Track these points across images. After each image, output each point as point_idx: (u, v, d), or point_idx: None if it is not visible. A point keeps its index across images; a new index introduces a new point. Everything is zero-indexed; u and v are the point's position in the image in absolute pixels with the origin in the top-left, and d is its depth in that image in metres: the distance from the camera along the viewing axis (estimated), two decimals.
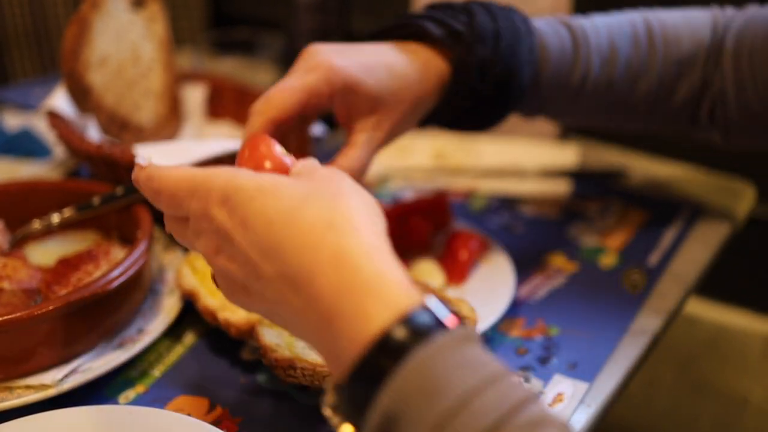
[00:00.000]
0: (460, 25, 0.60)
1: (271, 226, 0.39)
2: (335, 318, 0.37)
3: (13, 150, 0.87)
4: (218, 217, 0.41)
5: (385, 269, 0.38)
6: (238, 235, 0.40)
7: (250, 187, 0.41)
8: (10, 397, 0.53)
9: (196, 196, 0.42)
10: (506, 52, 0.60)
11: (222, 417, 0.55)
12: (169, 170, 0.44)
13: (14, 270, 0.59)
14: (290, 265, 0.38)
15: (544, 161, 0.92)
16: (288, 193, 0.40)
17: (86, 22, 0.78)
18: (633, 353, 0.63)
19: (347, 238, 0.38)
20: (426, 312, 0.36)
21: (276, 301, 0.40)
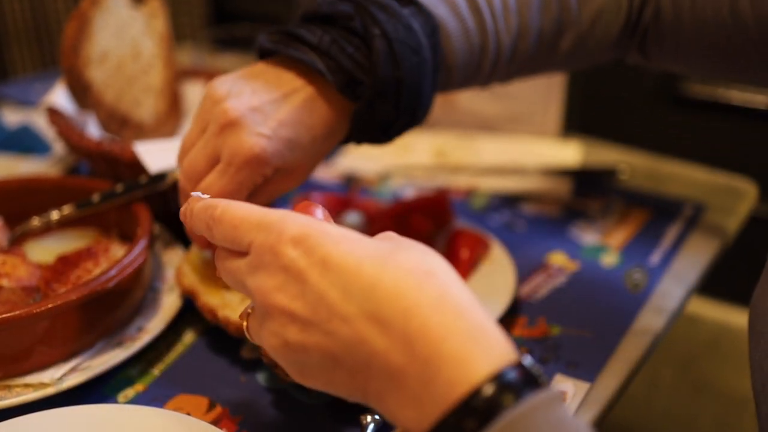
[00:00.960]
0: (359, 72, 0.56)
1: (360, 269, 0.38)
2: (434, 360, 0.35)
3: (13, 146, 0.87)
4: (289, 255, 0.39)
5: (486, 321, 0.37)
6: (315, 275, 0.38)
7: (334, 233, 0.40)
8: (9, 395, 0.53)
9: (265, 231, 0.40)
10: (409, 100, 0.58)
11: (221, 416, 0.55)
12: (237, 203, 0.43)
13: (13, 267, 0.59)
14: (382, 305, 0.37)
15: (545, 159, 0.92)
16: (376, 245, 0.40)
17: (86, 18, 0.78)
18: (635, 353, 0.63)
19: (449, 285, 0.37)
20: (521, 369, 0.35)
21: (349, 342, 0.38)
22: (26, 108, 0.99)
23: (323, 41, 0.56)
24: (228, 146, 0.55)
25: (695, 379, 1.15)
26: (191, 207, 0.46)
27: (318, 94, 0.58)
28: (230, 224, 0.42)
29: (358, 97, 0.57)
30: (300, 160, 0.58)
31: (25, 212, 0.67)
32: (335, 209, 0.74)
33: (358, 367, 0.38)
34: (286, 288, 0.39)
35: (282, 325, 0.40)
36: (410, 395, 0.36)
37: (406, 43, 0.57)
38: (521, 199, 0.86)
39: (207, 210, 0.44)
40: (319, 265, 0.39)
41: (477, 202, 0.85)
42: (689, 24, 0.63)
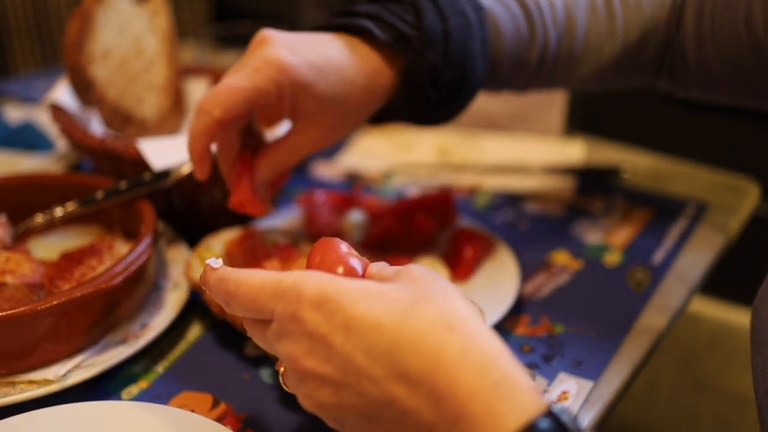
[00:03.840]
0: (407, 28, 0.58)
1: (380, 328, 0.38)
2: (462, 420, 0.35)
3: (15, 143, 0.87)
4: (312, 321, 0.39)
5: (512, 371, 0.37)
6: (339, 339, 0.38)
7: (352, 290, 0.39)
8: (13, 392, 0.53)
9: (284, 299, 0.40)
10: (457, 53, 0.59)
11: (226, 413, 0.55)
12: (249, 273, 0.43)
13: (17, 264, 0.59)
14: (407, 365, 0.37)
15: (548, 158, 0.92)
16: (394, 296, 0.39)
17: (89, 15, 0.78)
18: (638, 352, 0.63)
19: (471, 339, 0.37)
20: (551, 417, 0.35)
21: (380, 402, 0.38)
22: (28, 104, 0.99)
23: (372, 9, 0.59)
24: (254, 55, 0.56)
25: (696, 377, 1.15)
26: (207, 279, 0.45)
27: (359, 44, 0.58)
28: (247, 297, 0.42)
29: (407, 50, 0.58)
30: (324, 99, 0.56)
31: (29, 209, 0.67)
32: (339, 207, 0.74)
33: (393, 425, 0.38)
34: (313, 353, 0.39)
35: (315, 388, 0.40)
36: None
37: (452, 6, 0.59)
38: (524, 198, 0.86)
39: (221, 285, 0.43)
40: (341, 329, 0.38)
41: (480, 201, 0.85)
42: (711, 46, 0.65)
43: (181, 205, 0.72)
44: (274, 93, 0.55)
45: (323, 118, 0.58)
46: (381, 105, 0.60)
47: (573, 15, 0.64)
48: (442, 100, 0.60)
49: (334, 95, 0.57)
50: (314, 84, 0.56)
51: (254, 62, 0.55)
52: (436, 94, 0.59)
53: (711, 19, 0.64)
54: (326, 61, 0.56)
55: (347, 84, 0.57)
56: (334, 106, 0.57)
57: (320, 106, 0.57)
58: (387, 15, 0.58)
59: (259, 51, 0.55)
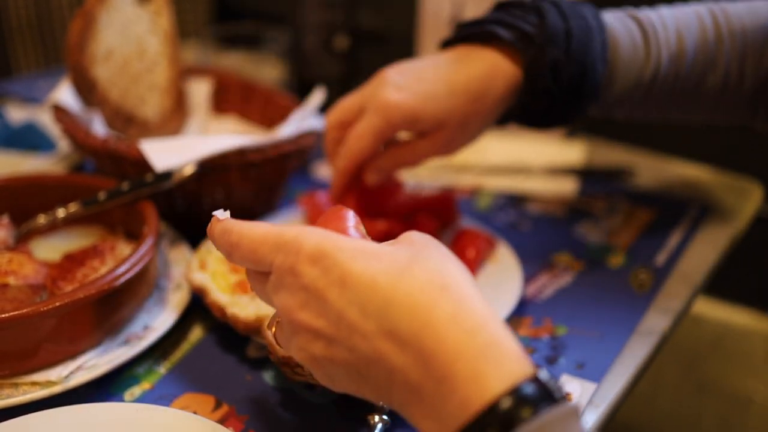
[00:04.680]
0: (530, 27, 0.61)
1: (375, 285, 0.38)
2: (448, 379, 0.36)
3: (17, 143, 0.87)
4: (309, 275, 0.40)
5: (501, 336, 0.37)
6: (333, 294, 0.39)
7: (349, 247, 0.40)
8: (16, 393, 0.53)
9: (283, 251, 0.41)
10: (578, 51, 0.61)
11: (228, 415, 0.55)
12: (252, 225, 0.43)
13: (20, 265, 0.59)
14: (398, 323, 0.37)
15: (550, 159, 0.92)
16: (391, 257, 0.40)
17: (92, 16, 0.77)
18: (641, 353, 0.63)
19: (463, 302, 0.38)
20: (537, 383, 0.36)
21: (369, 358, 0.39)
22: (31, 105, 0.99)
23: (495, 15, 0.63)
24: (371, 97, 0.63)
25: (699, 378, 1.14)
26: (212, 229, 0.46)
27: (476, 50, 0.62)
28: (248, 248, 0.43)
29: (529, 47, 0.61)
30: (437, 119, 0.62)
31: (31, 210, 0.67)
32: None
33: (381, 381, 0.39)
34: (308, 306, 0.40)
35: (308, 341, 0.41)
36: (429, 409, 0.37)
37: (573, 10, 0.63)
38: (526, 199, 0.86)
39: (224, 236, 0.44)
40: (337, 283, 0.39)
41: (482, 202, 0.85)
42: None
43: (183, 206, 0.72)
44: (390, 131, 0.63)
45: (441, 132, 0.63)
46: (506, 105, 0.64)
47: (684, 37, 0.64)
48: (562, 97, 0.62)
49: (446, 110, 0.62)
50: (423, 110, 0.62)
51: (371, 105, 0.63)
52: (558, 89, 0.62)
53: None
54: (435, 84, 0.62)
55: (461, 95, 0.62)
56: (451, 118, 0.62)
57: (436, 125, 0.63)
58: (510, 18, 0.62)
59: (372, 93, 0.63)
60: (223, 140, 0.68)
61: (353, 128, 0.64)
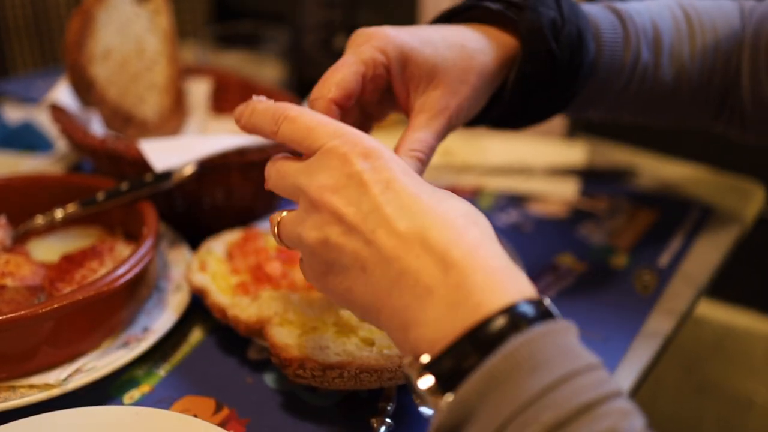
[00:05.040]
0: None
1: (418, 197, 0.41)
2: (464, 286, 0.38)
3: (15, 143, 0.86)
4: (359, 165, 0.42)
5: (515, 267, 0.41)
6: (377, 189, 0.42)
7: (401, 165, 0.43)
8: (13, 396, 0.52)
9: (341, 139, 0.43)
10: (570, 12, 0.58)
11: (229, 418, 0.54)
12: (313, 112, 0.46)
13: (17, 266, 0.58)
14: (431, 230, 0.40)
15: (552, 159, 0.91)
16: (434, 189, 0.43)
17: (90, 15, 0.77)
18: (646, 355, 0.62)
19: (489, 237, 0.41)
20: (540, 303, 0.39)
21: (385, 255, 0.41)
22: (28, 105, 0.98)
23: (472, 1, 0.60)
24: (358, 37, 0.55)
25: (700, 380, 1.14)
26: (254, 105, 0.48)
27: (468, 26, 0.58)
28: (305, 125, 0.45)
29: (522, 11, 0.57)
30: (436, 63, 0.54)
31: (28, 210, 0.66)
32: None
33: (385, 281, 0.41)
34: (344, 192, 0.42)
35: (327, 222, 0.42)
36: (433, 313, 0.39)
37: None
38: (528, 199, 0.85)
39: (280, 108, 0.46)
40: (383, 182, 0.42)
41: (484, 202, 0.85)
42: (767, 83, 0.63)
43: (183, 207, 0.71)
44: (382, 62, 0.53)
45: (441, 87, 0.54)
46: (501, 76, 0.58)
47: (659, 27, 0.63)
48: (563, 61, 0.58)
49: (444, 58, 0.54)
50: (420, 49, 0.54)
51: (356, 40, 0.54)
52: (559, 50, 0.57)
53: (766, 55, 0.63)
54: (428, 33, 0.56)
55: (457, 48, 0.55)
56: (449, 71, 0.55)
57: (433, 73, 0.54)
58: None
59: (360, 33, 0.55)
60: (224, 140, 0.67)
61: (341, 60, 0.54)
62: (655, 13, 0.64)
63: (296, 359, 0.52)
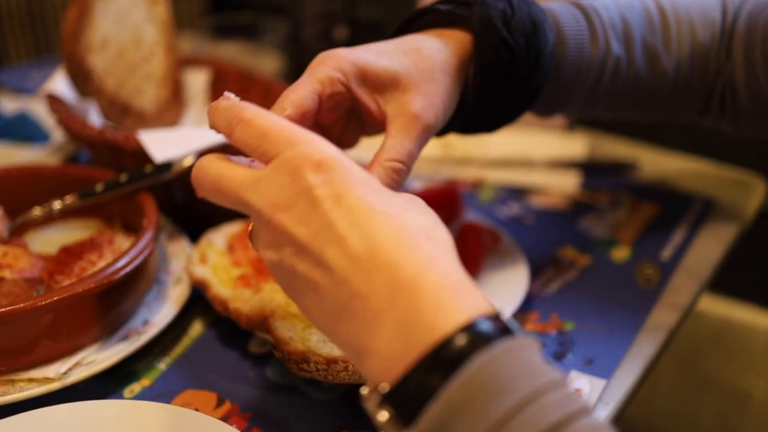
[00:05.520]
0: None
1: (372, 210, 0.39)
2: (413, 309, 0.37)
3: (10, 134, 0.85)
4: (309, 180, 0.39)
5: (470, 283, 0.39)
6: (328, 204, 0.39)
7: (358, 175, 0.40)
8: (13, 390, 0.51)
9: (295, 148, 0.40)
10: (521, 3, 0.57)
11: (231, 412, 0.53)
12: (269, 113, 0.43)
13: (15, 258, 0.57)
14: (382, 249, 0.38)
15: (552, 152, 0.91)
16: (392, 198, 0.41)
17: (87, 4, 0.76)
18: (649, 349, 0.62)
19: (444, 251, 0.39)
20: (498, 319, 0.37)
21: (336, 277, 0.39)
22: (23, 95, 0.97)
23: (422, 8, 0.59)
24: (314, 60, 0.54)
25: (698, 374, 1.14)
26: (218, 103, 0.45)
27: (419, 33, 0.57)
28: (259, 130, 0.42)
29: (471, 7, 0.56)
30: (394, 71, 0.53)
31: (26, 202, 0.65)
32: None
33: (335, 306, 0.39)
34: (295, 210, 0.40)
35: (280, 242, 0.40)
36: (383, 343, 0.37)
37: None
38: (530, 192, 0.85)
39: (235, 109, 0.43)
40: (334, 198, 0.39)
41: (485, 195, 0.84)
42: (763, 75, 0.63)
43: (182, 199, 0.70)
44: (339, 79, 0.52)
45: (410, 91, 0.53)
46: (464, 76, 0.56)
47: (629, 21, 0.62)
48: (520, 50, 0.56)
49: (402, 65, 0.53)
50: (376, 60, 0.53)
51: (313, 63, 0.53)
52: (513, 39, 0.56)
53: (762, 48, 0.62)
54: (383, 46, 0.55)
55: (413, 53, 0.54)
56: (412, 74, 0.53)
57: (396, 81, 0.53)
58: None
59: (317, 58, 0.54)
60: None
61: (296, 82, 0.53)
62: (624, 6, 0.62)
63: (300, 353, 0.51)
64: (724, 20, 0.64)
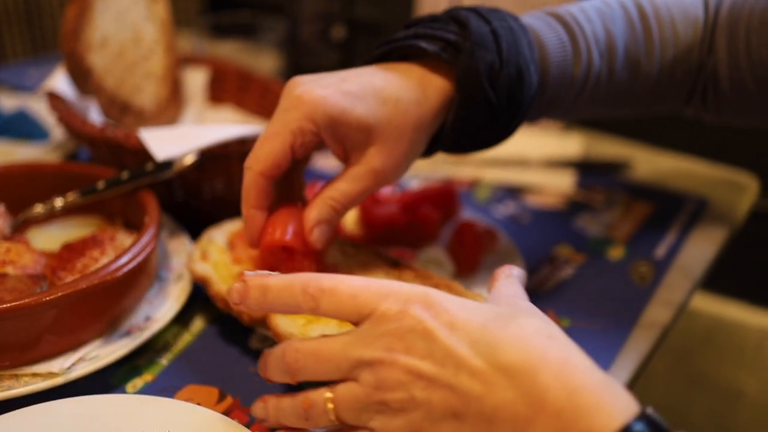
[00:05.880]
0: (453, 36, 0.56)
1: (485, 328, 0.41)
2: (567, 410, 0.37)
3: (9, 131, 0.85)
4: (419, 316, 0.41)
5: (608, 377, 0.39)
6: (444, 333, 0.41)
7: (455, 300, 0.43)
8: (17, 385, 0.52)
9: (391, 297, 0.42)
10: (509, 51, 0.56)
11: (233, 407, 0.54)
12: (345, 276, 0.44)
13: (18, 255, 0.58)
14: (511, 360, 0.39)
15: (548, 151, 0.92)
16: (494, 310, 0.43)
17: (87, 3, 0.76)
18: (644, 346, 0.63)
19: (571, 349, 0.41)
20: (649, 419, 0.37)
21: (473, 395, 0.40)
22: (21, 93, 0.98)
23: (410, 31, 0.58)
24: (285, 98, 0.54)
25: (690, 371, 1.15)
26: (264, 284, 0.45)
27: (403, 65, 0.56)
28: (348, 294, 0.43)
29: (458, 55, 0.55)
30: (368, 124, 0.53)
31: (27, 199, 0.66)
32: None
33: (481, 419, 0.40)
34: (415, 348, 0.41)
35: (407, 382, 0.41)
36: None
37: (493, 12, 0.58)
38: (525, 191, 0.86)
39: (311, 282, 0.43)
40: (447, 326, 0.41)
41: (481, 194, 0.85)
42: (746, 66, 0.63)
43: (182, 196, 0.71)
44: (311, 129, 0.53)
45: (376, 145, 0.54)
46: (437, 124, 0.57)
47: (612, 30, 0.62)
48: (501, 105, 0.56)
49: (377, 117, 0.53)
50: (351, 109, 0.53)
51: (285, 104, 0.54)
52: (497, 96, 0.56)
53: (746, 40, 0.63)
54: (361, 87, 0.54)
55: (391, 103, 0.54)
56: (384, 129, 0.54)
57: (367, 132, 0.54)
58: (430, 30, 0.56)
59: (288, 93, 0.54)
60: (224, 129, 0.67)
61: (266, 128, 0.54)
62: (608, 17, 0.62)
63: None
64: (706, 15, 0.65)
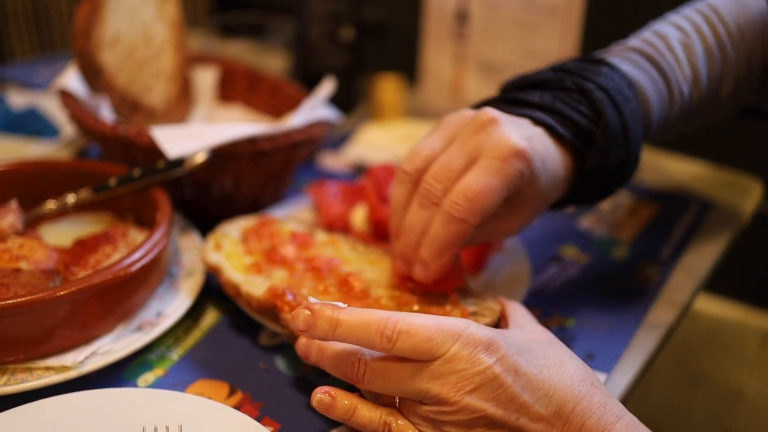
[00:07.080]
0: (586, 121, 0.57)
1: (542, 376, 0.46)
2: None
3: (20, 128, 0.86)
4: (486, 362, 0.46)
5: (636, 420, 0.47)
6: (509, 379, 0.46)
7: (513, 345, 0.47)
8: (30, 378, 0.52)
9: (460, 341, 0.46)
10: (635, 144, 0.59)
11: (242, 401, 0.55)
12: (416, 316, 0.47)
13: (31, 250, 0.59)
14: (565, 407, 0.46)
15: None
16: (547, 353, 0.48)
17: (98, 1, 0.77)
18: (649, 345, 0.63)
19: (608, 396, 0.48)
20: None
21: None
22: (31, 90, 0.98)
23: (545, 99, 0.58)
24: (492, 140, 0.54)
25: (691, 372, 1.16)
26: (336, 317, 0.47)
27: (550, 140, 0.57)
28: (424, 337, 0.46)
29: (590, 147, 0.58)
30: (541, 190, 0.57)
31: (39, 196, 0.66)
32: (349, 198, 0.74)
33: None
34: (482, 390, 0.45)
35: (471, 422, 0.46)
36: None
37: (620, 92, 0.59)
38: None
39: (388, 323, 0.46)
40: (511, 371, 0.46)
41: None
42: None
43: (192, 194, 0.71)
44: (518, 186, 0.55)
45: (532, 206, 0.58)
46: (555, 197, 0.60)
47: (697, 66, 0.63)
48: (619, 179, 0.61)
49: (547, 187, 0.57)
50: (540, 176, 0.56)
51: (494, 151, 0.54)
52: (614, 181, 0.60)
53: None
54: (544, 150, 0.56)
55: (552, 176, 0.57)
56: (545, 196, 0.57)
57: (536, 197, 0.57)
58: (562, 107, 0.58)
59: (495, 134, 0.54)
60: (234, 128, 0.68)
61: (479, 179, 0.53)
62: (691, 50, 0.63)
63: None
64: None
